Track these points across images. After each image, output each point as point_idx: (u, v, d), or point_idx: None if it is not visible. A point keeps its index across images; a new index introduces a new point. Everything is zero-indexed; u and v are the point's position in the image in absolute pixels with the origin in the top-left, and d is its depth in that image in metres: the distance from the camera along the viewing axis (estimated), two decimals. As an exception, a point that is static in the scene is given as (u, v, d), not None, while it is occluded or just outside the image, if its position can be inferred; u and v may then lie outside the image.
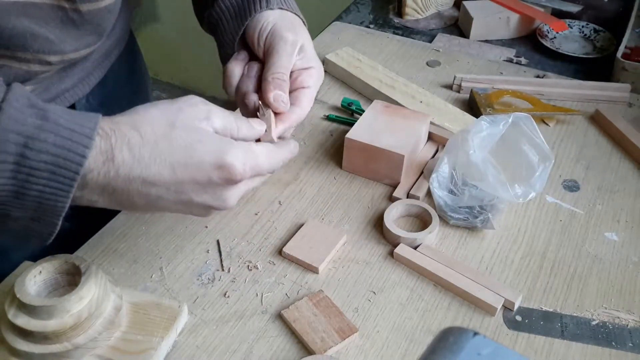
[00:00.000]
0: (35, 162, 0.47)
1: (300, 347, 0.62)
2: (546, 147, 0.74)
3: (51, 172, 0.48)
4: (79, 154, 0.48)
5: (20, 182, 0.47)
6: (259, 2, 0.66)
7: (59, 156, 0.47)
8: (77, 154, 0.48)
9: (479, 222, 0.73)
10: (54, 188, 0.48)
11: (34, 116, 0.47)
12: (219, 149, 0.53)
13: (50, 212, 0.50)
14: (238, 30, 0.66)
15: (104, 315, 0.57)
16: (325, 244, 0.71)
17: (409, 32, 1.17)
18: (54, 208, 0.50)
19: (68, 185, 0.49)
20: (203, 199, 0.55)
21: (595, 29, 1.15)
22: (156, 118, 0.53)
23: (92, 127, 0.49)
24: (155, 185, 0.52)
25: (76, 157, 0.48)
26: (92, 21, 0.66)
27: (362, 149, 0.79)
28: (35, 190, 0.48)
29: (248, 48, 0.68)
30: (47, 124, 0.48)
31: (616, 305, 0.67)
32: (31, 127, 0.47)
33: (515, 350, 0.62)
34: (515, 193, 0.72)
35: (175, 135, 0.52)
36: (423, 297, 0.67)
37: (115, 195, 0.52)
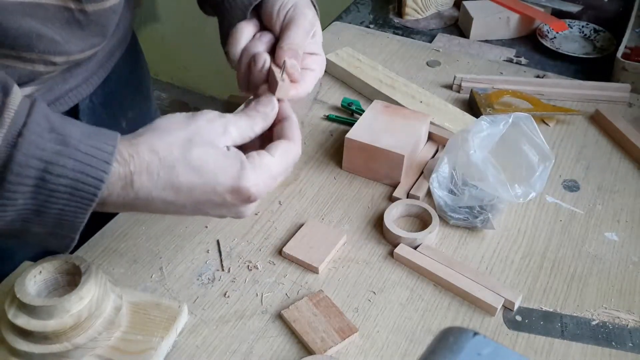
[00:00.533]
0: (54, 185, 0.48)
1: (300, 347, 0.62)
2: (546, 147, 0.74)
3: (70, 194, 0.49)
4: (97, 178, 0.49)
5: (40, 202, 0.49)
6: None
7: (77, 180, 0.49)
8: (95, 178, 0.49)
9: (479, 222, 0.73)
10: (73, 207, 0.50)
11: (54, 141, 0.49)
12: (233, 174, 0.54)
13: (68, 229, 0.51)
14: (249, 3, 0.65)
15: (104, 315, 0.57)
16: (325, 244, 0.71)
17: (409, 32, 1.17)
18: (72, 225, 0.51)
19: (86, 206, 0.50)
20: (220, 213, 0.57)
21: (595, 29, 1.15)
22: (174, 138, 0.54)
23: (111, 151, 0.50)
24: (174, 204, 0.54)
25: (94, 182, 0.49)
26: (98, 22, 0.66)
27: (362, 149, 0.79)
28: (54, 209, 0.50)
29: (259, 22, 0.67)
30: (66, 149, 0.49)
31: (616, 305, 0.67)
32: (50, 152, 0.48)
33: (515, 350, 0.62)
34: (515, 193, 0.72)
35: (191, 158, 0.53)
36: (423, 297, 0.67)
37: (137, 209, 0.54)
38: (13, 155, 0.47)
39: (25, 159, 0.47)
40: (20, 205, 0.49)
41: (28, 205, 0.49)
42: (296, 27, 0.63)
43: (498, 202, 0.74)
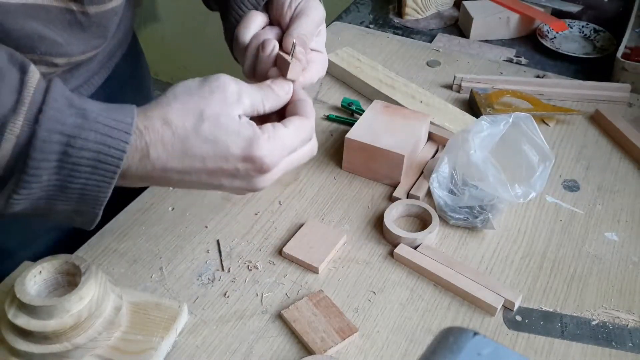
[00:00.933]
0: (77, 158, 0.49)
1: (300, 347, 0.62)
2: (546, 146, 0.74)
3: (93, 167, 0.50)
4: (119, 149, 0.50)
5: (63, 177, 0.50)
6: None
7: (100, 152, 0.50)
8: (117, 149, 0.50)
9: (479, 222, 0.73)
10: (96, 181, 0.51)
11: (74, 116, 0.50)
12: (245, 143, 0.54)
13: (92, 203, 0.52)
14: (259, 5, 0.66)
15: (104, 315, 0.57)
16: (325, 244, 0.71)
17: (409, 32, 1.17)
18: (96, 199, 0.52)
19: (109, 179, 0.51)
20: (235, 184, 0.57)
21: (595, 29, 1.15)
22: (187, 109, 0.54)
23: (130, 122, 0.51)
24: (189, 174, 0.55)
25: (117, 153, 0.50)
26: (99, 23, 0.66)
27: (362, 149, 0.79)
28: (78, 184, 0.50)
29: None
30: (87, 122, 0.50)
31: (616, 305, 0.67)
32: (71, 126, 0.49)
33: (515, 350, 0.62)
34: (515, 193, 0.72)
35: (204, 128, 0.54)
36: (423, 297, 0.67)
37: (154, 181, 0.55)
38: (35, 132, 0.48)
39: (48, 134, 0.48)
40: (44, 182, 0.49)
41: (52, 181, 0.50)
42: (306, 18, 0.64)
43: (498, 202, 0.74)
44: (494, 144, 0.75)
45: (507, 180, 0.72)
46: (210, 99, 0.55)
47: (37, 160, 0.48)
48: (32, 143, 0.48)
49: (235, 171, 0.55)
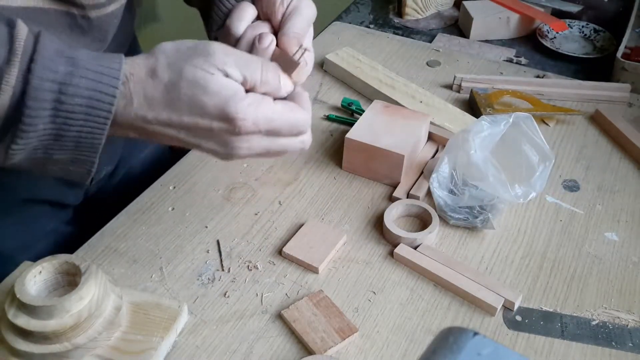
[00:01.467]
0: (70, 105, 0.50)
1: (300, 347, 0.62)
2: (546, 146, 0.74)
3: (86, 114, 0.51)
4: (109, 94, 0.51)
5: (58, 125, 0.51)
6: None
7: (91, 98, 0.51)
8: (107, 94, 0.51)
9: (479, 222, 0.73)
10: (90, 127, 0.52)
11: (64, 64, 0.50)
12: (221, 101, 0.53)
13: (87, 151, 0.53)
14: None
15: (104, 315, 0.57)
16: (325, 244, 0.71)
17: (409, 32, 1.17)
18: (92, 146, 0.53)
19: (102, 124, 0.52)
20: (210, 145, 0.56)
21: (595, 29, 1.15)
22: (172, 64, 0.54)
23: (118, 67, 0.52)
24: (169, 126, 0.55)
25: (107, 98, 0.51)
26: (100, 27, 0.66)
27: (362, 149, 0.79)
28: (73, 132, 0.52)
29: None
30: (77, 69, 0.51)
31: (616, 305, 0.67)
32: (63, 73, 0.50)
33: (515, 350, 0.62)
34: (515, 193, 0.72)
35: (183, 85, 0.53)
36: (423, 297, 0.67)
37: (138, 131, 0.55)
38: (29, 80, 0.49)
39: (40, 82, 0.49)
40: (40, 131, 0.50)
41: (48, 130, 0.51)
42: (300, 16, 0.63)
43: (498, 202, 0.74)
44: (494, 144, 0.75)
45: (507, 180, 0.72)
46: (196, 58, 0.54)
47: (33, 109, 0.49)
48: (27, 92, 0.49)
49: (209, 130, 0.54)
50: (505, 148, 0.75)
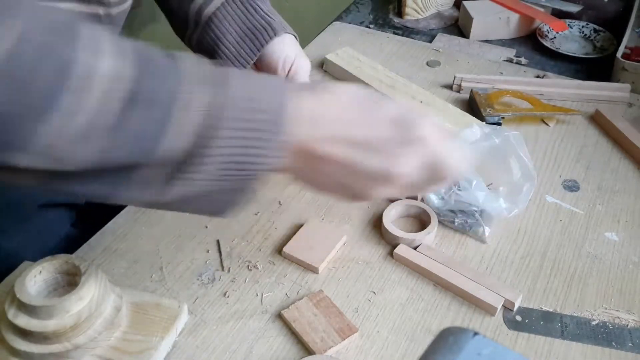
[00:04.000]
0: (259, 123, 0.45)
1: (300, 347, 0.62)
2: (532, 166, 0.75)
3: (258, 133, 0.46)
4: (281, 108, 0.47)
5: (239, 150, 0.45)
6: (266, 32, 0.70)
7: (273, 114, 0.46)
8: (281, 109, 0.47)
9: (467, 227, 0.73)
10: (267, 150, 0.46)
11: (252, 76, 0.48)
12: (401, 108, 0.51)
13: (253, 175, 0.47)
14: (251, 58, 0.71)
15: (103, 315, 0.57)
16: (325, 244, 0.71)
17: (409, 32, 1.17)
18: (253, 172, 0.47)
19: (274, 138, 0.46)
20: (372, 162, 0.50)
21: (595, 29, 1.15)
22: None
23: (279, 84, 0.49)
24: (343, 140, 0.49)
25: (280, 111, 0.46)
26: (117, 23, 0.66)
27: (362, 149, 0.79)
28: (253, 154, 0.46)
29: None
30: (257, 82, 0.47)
31: (616, 305, 0.67)
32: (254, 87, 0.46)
33: (515, 350, 0.62)
34: (499, 205, 0.73)
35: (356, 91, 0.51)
36: (423, 297, 0.67)
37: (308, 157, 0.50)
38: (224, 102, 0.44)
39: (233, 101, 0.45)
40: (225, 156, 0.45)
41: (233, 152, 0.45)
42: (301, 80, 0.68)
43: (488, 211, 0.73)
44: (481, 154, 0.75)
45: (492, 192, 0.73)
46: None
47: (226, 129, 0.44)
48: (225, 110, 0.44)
49: (378, 138, 0.49)
50: (492, 160, 0.76)
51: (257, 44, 0.71)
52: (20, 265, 0.66)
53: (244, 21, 0.72)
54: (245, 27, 0.72)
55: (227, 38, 0.72)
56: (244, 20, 0.72)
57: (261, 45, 0.71)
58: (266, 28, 0.71)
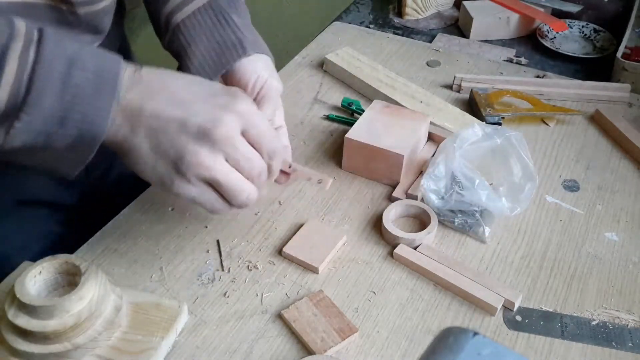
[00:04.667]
0: (79, 79, 0.51)
1: (300, 347, 0.62)
2: (533, 167, 0.75)
3: (94, 90, 0.52)
4: (114, 71, 0.53)
5: (65, 103, 0.51)
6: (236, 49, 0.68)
7: (99, 70, 0.52)
8: (113, 71, 0.53)
9: (467, 227, 0.73)
10: (96, 107, 0.52)
11: (71, 44, 0.52)
12: (232, 91, 0.59)
13: (89, 140, 0.53)
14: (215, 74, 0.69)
15: (104, 315, 0.57)
16: (325, 244, 0.71)
17: (409, 32, 1.17)
18: (96, 126, 0.53)
19: (110, 95, 0.53)
20: (198, 112, 0.56)
21: (595, 29, 1.15)
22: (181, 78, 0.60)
23: (118, 59, 0.55)
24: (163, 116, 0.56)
25: (113, 74, 0.53)
26: (89, 23, 0.66)
27: (361, 149, 0.79)
28: (78, 113, 0.52)
29: None
30: (83, 49, 0.53)
31: (616, 305, 0.67)
32: (72, 51, 0.52)
33: (515, 350, 0.62)
34: (502, 205, 0.73)
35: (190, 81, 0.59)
36: (423, 297, 0.67)
37: (131, 123, 0.56)
38: (40, 53, 0.50)
39: (51, 56, 0.50)
40: (46, 109, 0.50)
41: (54, 109, 0.51)
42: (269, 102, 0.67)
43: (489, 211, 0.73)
44: (483, 154, 0.75)
45: (494, 191, 0.73)
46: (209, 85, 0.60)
47: (42, 81, 0.50)
48: (37, 65, 0.49)
49: (214, 96, 0.57)
50: (495, 160, 0.76)
51: (224, 60, 0.68)
52: (20, 265, 0.66)
53: (214, 33, 0.69)
54: (215, 40, 0.69)
55: (194, 48, 0.69)
56: (213, 33, 0.69)
57: (228, 62, 0.68)
58: (236, 45, 0.68)
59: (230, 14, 0.70)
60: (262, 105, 0.66)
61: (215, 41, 0.69)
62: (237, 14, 0.71)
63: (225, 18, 0.70)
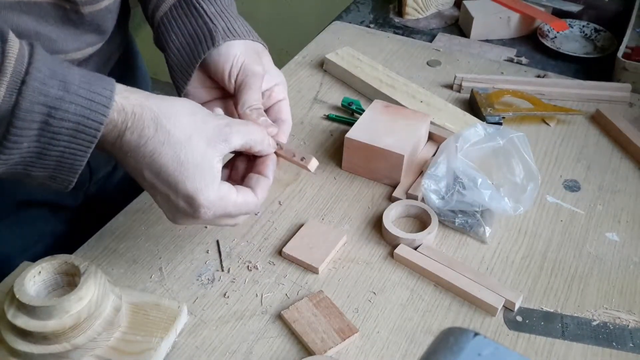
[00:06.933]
0: (57, 128, 0.51)
1: (300, 348, 0.61)
2: (535, 167, 0.74)
3: (71, 137, 0.52)
4: (97, 121, 0.53)
5: (43, 144, 0.52)
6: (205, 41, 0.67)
7: (79, 123, 0.52)
8: (95, 121, 0.53)
9: (468, 227, 0.73)
10: (73, 149, 0.53)
11: (56, 87, 0.51)
12: (199, 184, 0.57)
13: (68, 171, 0.54)
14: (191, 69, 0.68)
15: (103, 316, 0.57)
16: (325, 244, 0.71)
17: (409, 31, 1.17)
18: (72, 167, 0.54)
19: (86, 148, 0.53)
20: (164, 207, 0.60)
21: (595, 29, 1.15)
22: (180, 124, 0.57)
23: (109, 96, 0.53)
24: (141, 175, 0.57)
25: (95, 124, 0.53)
26: (92, 22, 0.66)
27: (362, 149, 0.79)
28: (56, 152, 0.53)
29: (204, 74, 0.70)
30: (67, 95, 0.52)
31: (617, 305, 0.67)
32: (53, 98, 0.51)
33: (515, 350, 0.62)
34: (506, 204, 0.72)
35: (180, 150, 0.56)
36: (423, 298, 0.67)
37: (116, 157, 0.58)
38: (19, 102, 0.49)
39: (30, 105, 0.50)
40: (24, 149, 0.51)
41: (32, 148, 0.52)
42: (250, 90, 0.66)
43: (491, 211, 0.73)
44: (485, 154, 0.75)
45: (497, 191, 0.73)
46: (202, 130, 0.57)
47: (19, 129, 0.50)
48: (16, 113, 0.49)
49: (172, 201, 0.58)
50: (495, 160, 0.76)
51: (195, 54, 0.67)
52: (20, 265, 0.65)
53: (187, 27, 0.68)
54: (187, 34, 0.68)
55: (171, 44, 0.69)
56: (186, 26, 0.68)
57: (199, 55, 0.67)
58: (206, 37, 0.67)
59: (202, 3, 0.69)
60: (242, 93, 0.65)
61: (188, 35, 0.68)
62: (211, 2, 0.69)
63: (197, 9, 0.68)
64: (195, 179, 0.56)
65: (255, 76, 0.66)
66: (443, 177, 0.74)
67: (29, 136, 0.51)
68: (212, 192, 0.57)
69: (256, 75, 0.66)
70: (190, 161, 0.56)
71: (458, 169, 0.73)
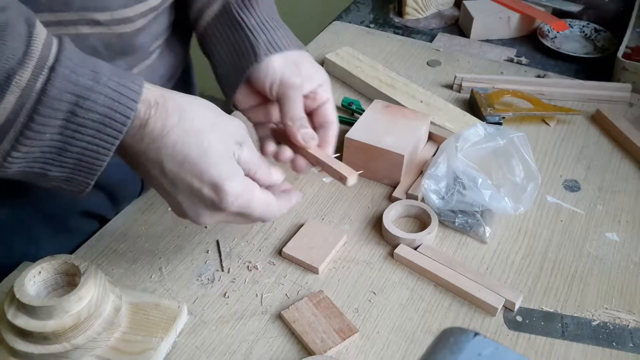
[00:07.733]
0: (83, 119, 0.50)
1: (300, 348, 0.61)
2: (535, 167, 0.74)
3: (97, 130, 0.51)
4: (124, 115, 0.51)
5: (66, 137, 0.50)
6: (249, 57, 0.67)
7: (106, 115, 0.50)
8: (122, 115, 0.51)
9: (468, 228, 0.73)
10: (96, 145, 0.51)
11: (86, 77, 0.50)
12: (226, 172, 0.55)
13: (87, 171, 0.53)
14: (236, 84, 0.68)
15: (103, 316, 0.57)
16: (325, 244, 0.71)
17: (409, 31, 1.17)
18: (92, 167, 0.52)
19: (110, 144, 0.52)
20: (185, 202, 0.57)
21: (596, 29, 1.15)
22: (202, 114, 0.56)
23: (138, 90, 0.52)
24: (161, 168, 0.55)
25: (121, 118, 0.51)
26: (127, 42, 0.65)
27: (362, 149, 0.79)
28: (78, 147, 0.51)
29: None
30: (97, 85, 0.50)
31: (617, 305, 0.67)
32: (83, 87, 0.50)
33: (515, 350, 0.62)
34: (506, 204, 0.72)
35: (203, 138, 0.55)
36: (423, 298, 0.67)
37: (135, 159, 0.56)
38: (46, 89, 0.48)
39: (59, 93, 0.48)
40: (46, 140, 0.49)
41: (54, 142, 0.50)
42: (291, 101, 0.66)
43: (491, 211, 0.73)
44: (485, 154, 0.75)
45: (497, 191, 0.72)
46: (224, 125, 0.57)
47: (44, 117, 0.48)
48: (41, 100, 0.48)
49: (197, 192, 0.55)
50: (495, 160, 0.76)
51: (239, 70, 0.68)
52: (20, 265, 0.66)
53: (230, 39, 0.69)
54: (232, 46, 0.69)
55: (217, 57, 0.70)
56: (230, 39, 0.69)
57: (243, 72, 0.67)
58: (249, 53, 0.67)
59: (243, 16, 0.69)
60: (283, 106, 0.66)
61: (232, 47, 0.69)
62: (251, 14, 0.70)
63: (239, 22, 0.69)
64: (221, 167, 0.55)
65: (294, 88, 0.66)
66: (443, 177, 0.74)
67: (52, 126, 0.49)
68: (239, 181, 0.56)
69: (294, 88, 0.66)
70: (215, 150, 0.55)
71: (458, 169, 0.73)
